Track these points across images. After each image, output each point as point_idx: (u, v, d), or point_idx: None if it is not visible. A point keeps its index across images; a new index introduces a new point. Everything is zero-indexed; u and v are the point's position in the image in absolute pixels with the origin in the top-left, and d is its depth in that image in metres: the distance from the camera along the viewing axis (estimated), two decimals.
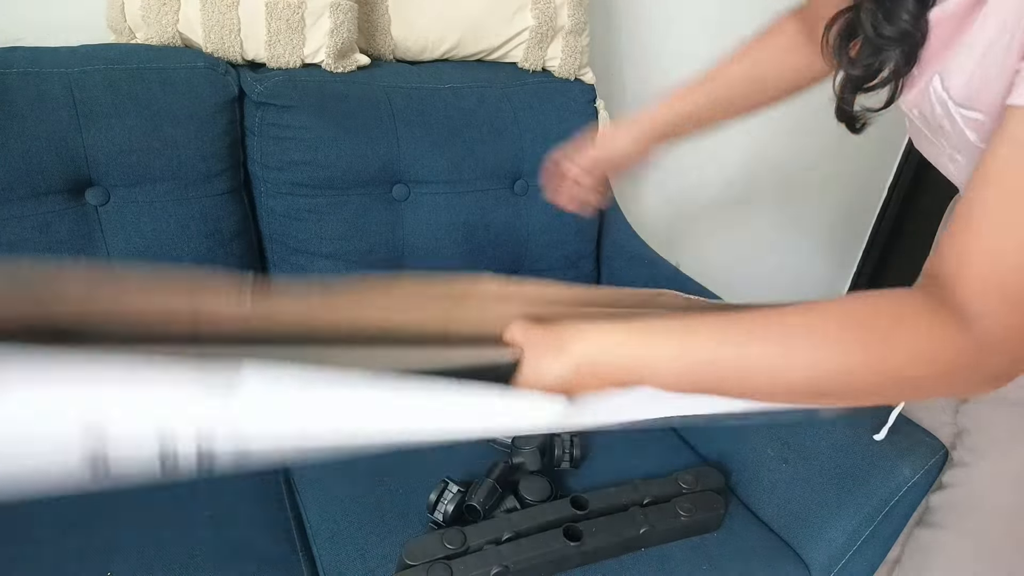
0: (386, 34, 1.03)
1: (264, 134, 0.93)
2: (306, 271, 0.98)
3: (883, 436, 0.79)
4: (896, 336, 0.41)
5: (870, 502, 0.78)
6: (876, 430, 0.80)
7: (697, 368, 0.44)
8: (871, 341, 0.41)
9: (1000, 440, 0.69)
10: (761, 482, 0.89)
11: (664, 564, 0.79)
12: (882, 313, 0.42)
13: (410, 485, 0.84)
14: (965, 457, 0.74)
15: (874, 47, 0.49)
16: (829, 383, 0.42)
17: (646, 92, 1.43)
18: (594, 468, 0.90)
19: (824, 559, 0.82)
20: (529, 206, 1.11)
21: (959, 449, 0.75)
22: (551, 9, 1.06)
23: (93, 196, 0.85)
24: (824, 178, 1.81)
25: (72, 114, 0.81)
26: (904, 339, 0.41)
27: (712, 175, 1.65)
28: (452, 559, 0.70)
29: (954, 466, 0.75)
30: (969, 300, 0.40)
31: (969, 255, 0.41)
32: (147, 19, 0.89)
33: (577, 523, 0.76)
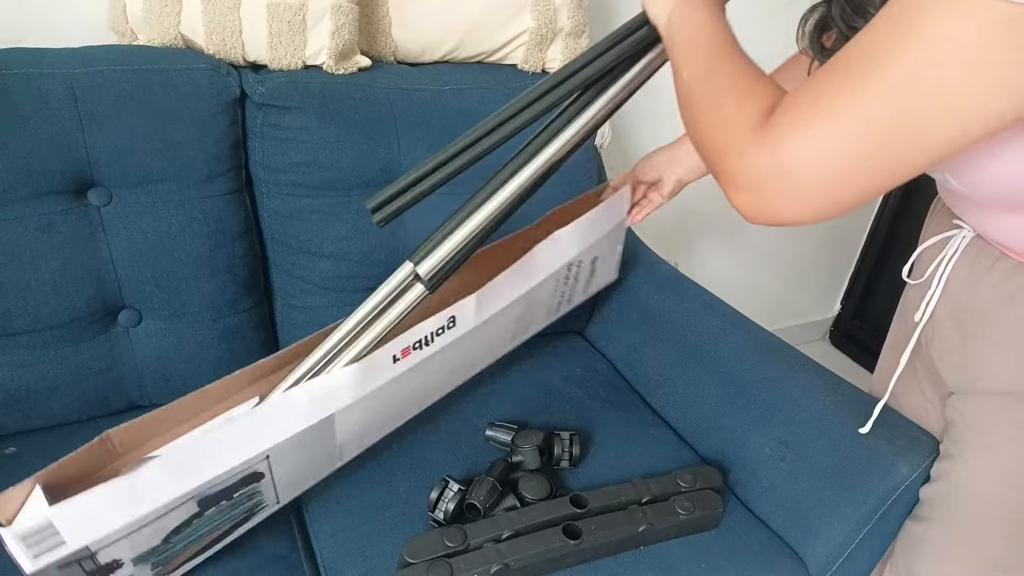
0: (387, 36, 1.03)
1: (266, 135, 0.93)
2: (307, 272, 0.99)
3: (868, 429, 0.80)
4: (736, 101, 0.50)
5: (868, 500, 0.79)
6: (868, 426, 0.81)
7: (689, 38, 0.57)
8: (728, 91, 0.51)
9: (985, 432, 0.70)
10: (759, 481, 0.89)
11: (663, 562, 0.79)
12: (752, 86, 0.50)
13: (410, 484, 0.85)
14: (951, 449, 0.74)
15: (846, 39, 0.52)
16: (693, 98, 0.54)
17: (646, 92, 1.44)
18: (593, 467, 0.91)
19: (822, 557, 0.83)
20: (529, 206, 1.12)
21: (946, 441, 0.76)
22: (551, 11, 1.07)
23: (95, 197, 0.85)
24: None
25: (74, 115, 0.81)
26: (735, 101, 0.50)
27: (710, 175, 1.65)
28: (452, 557, 0.70)
29: (941, 458, 0.76)
30: (782, 108, 0.46)
31: (804, 83, 0.46)
32: (149, 20, 0.89)
33: (576, 521, 0.76)
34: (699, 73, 0.54)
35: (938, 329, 0.75)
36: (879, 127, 0.42)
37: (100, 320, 0.87)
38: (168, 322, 0.91)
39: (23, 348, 0.83)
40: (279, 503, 0.76)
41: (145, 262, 0.88)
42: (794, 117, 0.45)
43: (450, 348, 0.79)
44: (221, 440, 0.62)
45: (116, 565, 0.61)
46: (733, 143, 0.48)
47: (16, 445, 0.84)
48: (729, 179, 0.49)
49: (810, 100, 0.44)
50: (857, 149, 0.43)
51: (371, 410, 0.76)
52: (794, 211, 0.47)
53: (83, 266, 0.84)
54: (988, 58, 0.38)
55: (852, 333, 2.09)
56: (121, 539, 0.59)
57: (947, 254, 0.72)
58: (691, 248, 1.72)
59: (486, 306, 0.79)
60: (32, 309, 0.82)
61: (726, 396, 0.96)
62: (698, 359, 1.02)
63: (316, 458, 0.75)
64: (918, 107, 0.41)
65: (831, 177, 0.44)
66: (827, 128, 0.43)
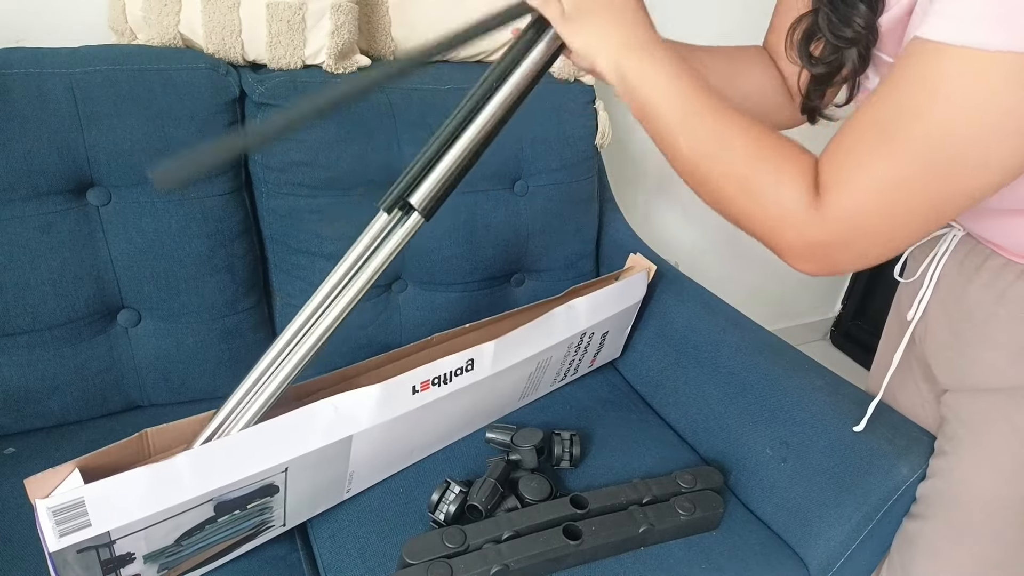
0: (387, 35, 1.03)
1: None
2: (307, 271, 0.98)
3: (862, 427, 0.81)
4: (772, 169, 0.50)
5: (868, 501, 0.79)
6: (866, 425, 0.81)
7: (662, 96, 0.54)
8: (762, 162, 0.50)
9: (979, 429, 0.70)
10: (760, 481, 0.89)
11: (663, 563, 0.79)
12: (781, 155, 0.50)
13: (410, 484, 0.84)
14: (945, 446, 0.74)
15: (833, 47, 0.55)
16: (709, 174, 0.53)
17: None
18: (594, 467, 0.91)
19: (823, 558, 0.83)
20: (529, 206, 1.12)
21: (940, 439, 0.76)
22: None
23: (95, 196, 0.85)
24: None
25: (73, 115, 0.81)
26: (780, 172, 0.50)
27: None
28: (452, 558, 0.70)
29: (936, 455, 0.76)
30: (828, 183, 0.48)
31: (838, 146, 0.48)
32: (148, 20, 0.89)
33: (577, 522, 0.76)
34: (706, 148, 0.53)
35: (931, 327, 0.76)
36: (929, 191, 0.45)
37: (99, 320, 0.87)
38: (167, 322, 0.91)
39: (22, 348, 0.83)
40: (284, 526, 0.77)
41: (144, 262, 0.87)
42: (846, 189, 0.47)
43: (464, 394, 0.82)
44: (246, 445, 0.65)
45: (129, 559, 0.63)
46: (789, 223, 0.49)
47: (15, 445, 0.84)
48: (790, 252, 0.51)
49: (858, 171, 0.46)
50: (909, 208, 0.46)
51: (384, 443, 0.78)
52: (860, 265, 0.50)
53: (82, 266, 0.84)
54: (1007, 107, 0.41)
55: (853, 333, 2.08)
56: (140, 531, 0.61)
57: (938, 252, 0.73)
58: (691, 248, 1.72)
59: (503, 355, 0.83)
60: (31, 309, 0.82)
61: (727, 396, 0.96)
62: (699, 359, 1.01)
63: (327, 483, 0.77)
64: (950, 165, 0.44)
65: (891, 235, 0.48)
66: (879, 199, 0.46)
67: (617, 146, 1.42)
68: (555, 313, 0.89)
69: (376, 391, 0.72)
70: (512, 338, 0.83)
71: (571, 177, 1.15)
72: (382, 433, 0.75)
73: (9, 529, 0.72)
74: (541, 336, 0.88)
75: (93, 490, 0.58)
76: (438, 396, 0.78)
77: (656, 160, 1.55)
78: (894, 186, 0.45)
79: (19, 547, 0.71)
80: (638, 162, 1.52)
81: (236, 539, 0.71)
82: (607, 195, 1.27)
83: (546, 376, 0.97)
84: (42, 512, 0.56)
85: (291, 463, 0.68)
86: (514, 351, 0.85)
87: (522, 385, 0.93)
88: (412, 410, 0.76)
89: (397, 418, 0.75)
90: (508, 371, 0.86)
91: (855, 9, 0.53)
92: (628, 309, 1.03)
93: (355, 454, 0.75)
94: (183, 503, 0.62)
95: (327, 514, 0.81)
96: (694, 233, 1.71)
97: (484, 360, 0.81)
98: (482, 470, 0.85)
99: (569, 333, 0.92)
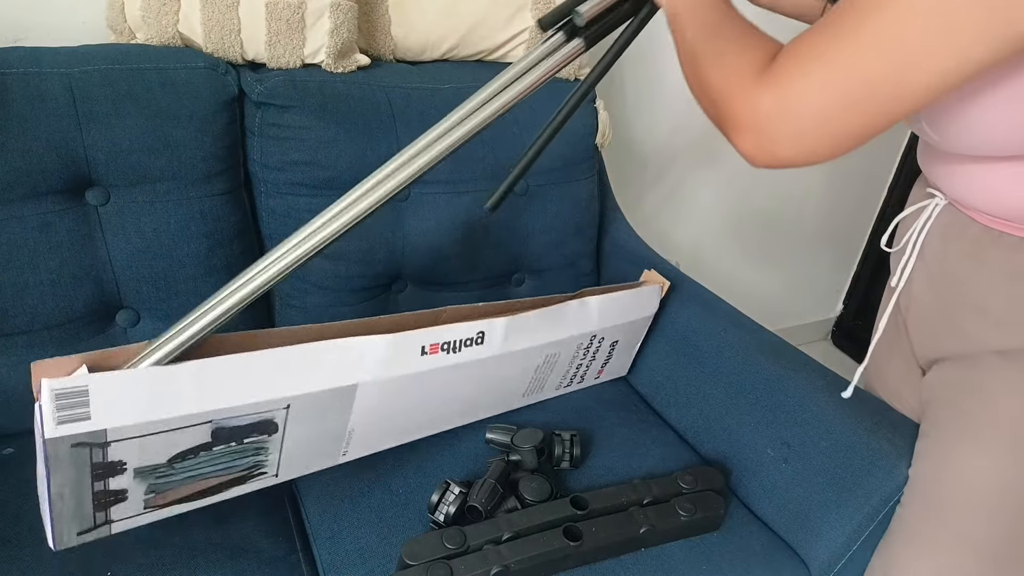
0: (386, 34, 1.03)
1: (264, 134, 0.93)
2: (306, 271, 0.98)
3: (849, 394, 0.83)
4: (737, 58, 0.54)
5: (870, 502, 0.78)
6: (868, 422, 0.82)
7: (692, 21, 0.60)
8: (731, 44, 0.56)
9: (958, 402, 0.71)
10: (761, 482, 0.89)
11: (664, 564, 0.79)
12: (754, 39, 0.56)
13: (409, 485, 0.84)
14: (928, 429, 0.75)
15: None
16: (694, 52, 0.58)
17: (646, 92, 1.43)
18: (594, 468, 0.90)
19: (824, 559, 0.82)
20: (529, 206, 1.11)
21: (924, 423, 0.77)
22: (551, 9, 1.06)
23: (93, 196, 0.85)
24: (826, 174, 1.81)
25: (72, 114, 0.81)
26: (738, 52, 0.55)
27: (711, 175, 1.65)
28: (452, 559, 0.70)
29: (919, 438, 0.77)
30: (783, 58, 0.51)
31: (802, 35, 0.51)
32: (147, 19, 0.89)
33: (577, 523, 0.76)
34: (703, 31, 0.58)
35: (915, 295, 0.77)
36: (868, 74, 0.48)
37: (98, 320, 0.87)
38: (166, 322, 0.90)
39: (21, 348, 0.83)
40: (277, 477, 0.76)
41: (143, 262, 0.87)
42: (793, 64, 0.50)
43: (471, 369, 0.81)
44: (253, 369, 0.65)
45: (120, 468, 0.62)
46: (737, 88, 0.53)
47: (13, 446, 0.83)
48: (733, 122, 0.54)
49: (807, 49, 0.50)
50: (848, 93, 0.48)
51: (388, 403, 0.78)
52: (795, 150, 0.52)
53: (81, 266, 0.84)
54: (961, 9, 0.44)
55: (854, 333, 2.08)
56: (135, 438, 0.61)
57: (920, 221, 0.75)
58: (692, 248, 1.72)
59: (514, 335, 0.83)
60: (30, 309, 0.82)
61: (728, 397, 0.96)
62: (699, 359, 1.01)
63: (325, 437, 0.76)
64: (902, 57, 0.46)
65: (827, 117, 0.50)
66: (822, 73, 0.49)
67: (617, 146, 1.41)
68: (568, 306, 0.89)
69: (385, 341, 0.71)
70: (524, 319, 0.83)
71: (571, 177, 1.14)
72: (387, 391, 0.75)
73: (8, 530, 0.72)
74: (552, 325, 0.88)
75: (98, 380, 0.57)
76: (446, 364, 0.78)
77: (656, 160, 1.55)
78: (844, 72, 0.48)
79: (17, 548, 0.70)
80: (638, 162, 1.52)
81: (227, 477, 0.71)
82: (607, 195, 1.27)
83: (552, 375, 0.97)
84: (45, 394, 0.55)
85: (294, 400, 0.67)
86: (525, 333, 0.85)
87: (528, 378, 0.93)
88: (419, 372, 0.76)
89: (403, 377, 0.74)
90: (517, 355, 0.86)
91: None
92: (638, 322, 1.02)
93: (357, 408, 0.74)
94: (182, 416, 0.62)
95: (327, 514, 0.81)
96: (694, 233, 1.71)
97: (495, 335, 0.81)
98: (482, 471, 0.85)
99: (579, 330, 0.92)
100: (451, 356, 0.78)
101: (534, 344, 0.87)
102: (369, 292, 1.02)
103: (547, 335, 0.88)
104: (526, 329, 0.85)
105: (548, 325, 0.88)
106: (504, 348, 0.83)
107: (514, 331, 0.83)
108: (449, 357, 0.78)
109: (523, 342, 0.85)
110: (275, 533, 0.79)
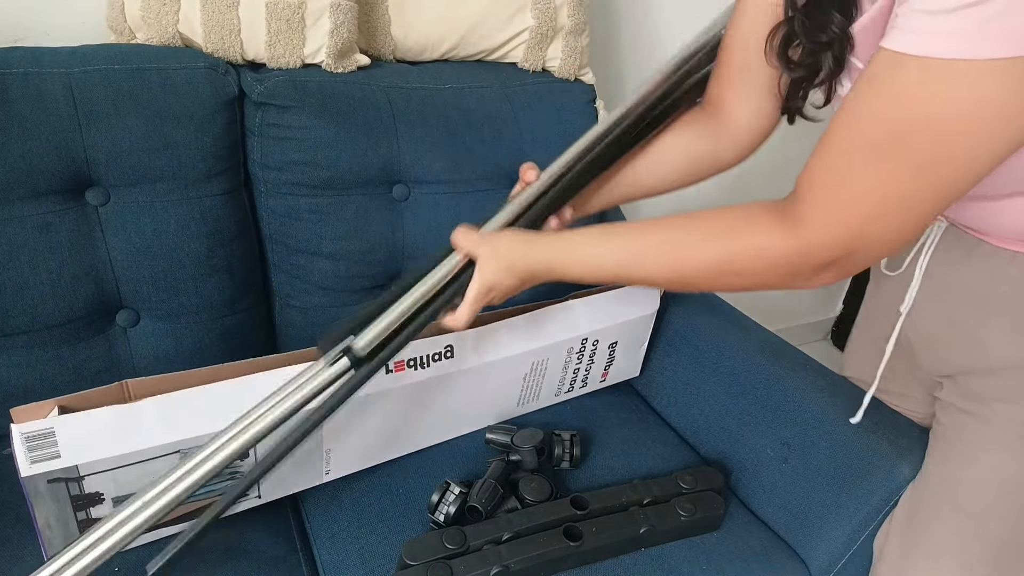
0: (386, 34, 1.03)
1: (264, 134, 0.93)
2: (306, 271, 0.98)
3: (859, 419, 0.81)
4: (739, 235, 0.54)
5: (870, 501, 0.79)
6: (868, 422, 0.81)
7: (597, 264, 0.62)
8: (722, 243, 0.55)
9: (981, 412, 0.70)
10: (761, 482, 0.89)
11: (664, 564, 0.79)
12: (736, 218, 0.55)
13: (409, 486, 0.84)
14: (941, 435, 0.75)
15: (810, 51, 0.59)
16: (688, 273, 0.58)
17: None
18: (594, 468, 0.90)
19: (824, 559, 0.82)
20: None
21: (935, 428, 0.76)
22: (551, 9, 1.06)
23: (93, 196, 0.85)
24: None
25: (72, 114, 0.81)
26: (744, 236, 0.54)
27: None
28: (452, 559, 0.70)
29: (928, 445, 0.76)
30: (804, 207, 0.51)
31: (812, 170, 0.51)
32: (147, 19, 0.89)
33: (577, 523, 0.76)
34: (668, 273, 0.60)
35: (921, 319, 0.76)
36: (915, 194, 0.48)
37: (98, 320, 0.87)
38: (166, 322, 0.91)
39: (20, 348, 0.82)
40: (261, 498, 0.76)
41: (143, 262, 0.87)
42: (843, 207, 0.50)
43: (446, 384, 0.81)
44: (211, 400, 0.67)
45: (98, 498, 0.65)
46: (788, 277, 0.54)
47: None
48: (806, 283, 0.54)
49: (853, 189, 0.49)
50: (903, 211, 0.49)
51: (360, 422, 0.78)
52: (872, 263, 0.53)
53: (81, 266, 0.84)
54: (994, 111, 0.43)
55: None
56: (108, 471, 0.64)
57: (924, 244, 0.74)
58: None
59: (486, 348, 0.83)
60: (30, 309, 0.82)
61: (728, 396, 0.96)
62: (699, 359, 1.01)
63: (302, 459, 0.76)
64: (946, 172, 0.46)
65: (890, 236, 0.50)
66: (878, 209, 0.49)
67: None
68: (548, 311, 0.88)
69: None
70: (496, 329, 0.82)
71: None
72: (354, 411, 0.75)
73: (8, 530, 0.72)
74: (532, 332, 0.87)
75: (62, 421, 0.61)
76: (416, 380, 0.77)
77: None
78: (891, 198, 0.48)
79: (19, 548, 0.70)
80: None
81: (208, 501, 0.71)
82: None
83: (546, 382, 0.96)
84: (16, 437, 0.60)
85: None
86: (500, 344, 0.84)
87: (518, 387, 0.93)
88: (387, 390, 0.76)
89: (370, 395, 0.74)
90: (497, 366, 0.85)
91: (829, 16, 0.55)
92: (637, 321, 1.01)
93: (328, 429, 0.75)
94: (148, 448, 0.64)
95: (327, 514, 0.81)
96: None
97: (465, 348, 0.80)
98: (482, 471, 0.85)
99: (566, 335, 0.91)
100: (419, 372, 0.78)
101: (513, 353, 0.86)
102: (369, 292, 1.02)
103: (527, 343, 0.87)
104: (500, 339, 0.84)
105: (526, 333, 0.87)
106: (479, 360, 0.82)
107: (486, 342, 0.82)
108: (417, 373, 0.78)
109: (500, 352, 0.84)
110: (275, 533, 0.79)
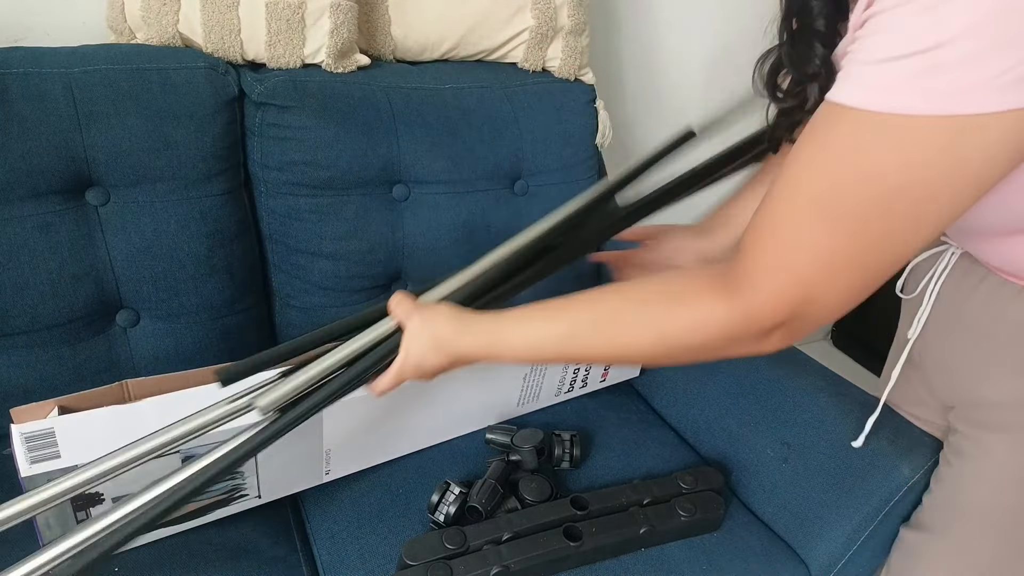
0: (386, 34, 1.03)
1: (264, 134, 0.93)
2: (306, 272, 0.98)
3: (860, 444, 0.80)
4: (676, 312, 0.52)
5: (870, 502, 0.78)
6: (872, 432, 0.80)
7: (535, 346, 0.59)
8: (659, 318, 0.53)
9: (984, 440, 0.70)
10: (761, 482, 0.89)
11: (664, 564, 0.79)
12: (671, 294, 0.53)
13: (409, 485, 0.84)
14: (950, 457, 0.74)
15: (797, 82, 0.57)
16: (627, 352, 0.56)
17: (646, 92, 1.43)
18: (594, 468, 0.90)
19: (824, 559, 0.82)
20: (529, 206, 1.11)
21: (946, 448, 0.76)
22: (551, 9, 1.06)
23: (93, 196, 0.85)
24: None
25: (72, 114, 0.81)
26: (682, 313, 0.51)
27: None
28: (452, 559, 0.70)
29: (941, 464, 0.76)
30: (747, 266, 0.48)
31: (756, 228, 0.48)
32: (147, 19, 0.89)
33: (577, 523, 0.76)
34: (612, 353, 0.59)
35: (930, 344, 0.76)
36: (863, 254, 0.45)
37: (98, 320, 0.87)
38: (166, 322, 0.91)
39: (21, 348, 0.82)
40: (260, 498, 0.76)
41: (143, 262, 0.87)
42: (787, 271, 0.46)
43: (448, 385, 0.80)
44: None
45: (98, 499, 0.65)
46: (732, 344, 0.50)
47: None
48: (757, 348, 0.51)
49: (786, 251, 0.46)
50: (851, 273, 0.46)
51: (360, 422, 0.78)
52: (828, 319, 0.49)
53: (81, 266, 0.84)
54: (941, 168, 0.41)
55: (854, 334, 2.08)
56: None
57: (937, 269, 0.73)
58: None
59: None
60: (30, 309, 0.82)
61: (728, 397, 0.96)
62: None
63: (301, 458, 0.76)
64: (893, 229, 0.44)
65: (842, 297, 0.47)
66: (821, 271, 0.46)
67: (618, 145, 1.41)
68: None
69: None
70: None
71: (572, 177, 1.14)
72: (356, 411, 0.75)
73: (8, 530, 0.72)
74: None
75: (62, 421, 0.62)
76: None
77: None
78: (838, 257, 0.45)
79: (18, 548, 0.70)
80: None
81: (208, 501, 0.71)
82: None
83: (546, 382, 0.96)
84: (16, 438, 0.60)
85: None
86: None
87: (519, 387, 0.93)
88: None
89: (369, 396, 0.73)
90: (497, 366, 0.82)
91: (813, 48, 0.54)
92: None
93: (328, 429, 0.74)
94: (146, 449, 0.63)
95: (327, 514, 0.81)
96: None
97: None
98: (482, 471, 0.85)
99: None
100: None
101: None
102: (369, 292, 1.02)
103: None
104: None
105: None
106: None
107: None
108: None
109: None
110: (275, 533, 0.79)
